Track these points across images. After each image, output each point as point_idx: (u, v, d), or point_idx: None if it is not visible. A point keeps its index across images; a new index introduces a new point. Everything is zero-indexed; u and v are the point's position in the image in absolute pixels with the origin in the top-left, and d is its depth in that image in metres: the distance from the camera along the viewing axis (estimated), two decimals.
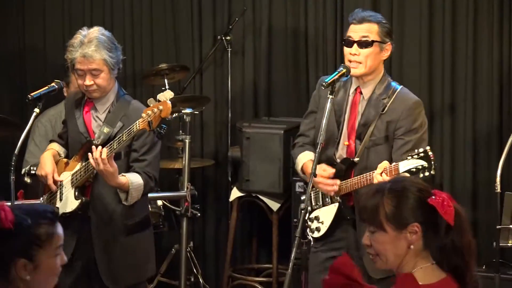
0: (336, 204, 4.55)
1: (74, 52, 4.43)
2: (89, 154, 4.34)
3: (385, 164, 4.27)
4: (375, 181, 4.26)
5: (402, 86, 4.59)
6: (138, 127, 4.23)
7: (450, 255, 2.81)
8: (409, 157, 4.20)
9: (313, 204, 4.67)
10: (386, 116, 4.47)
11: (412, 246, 2.82)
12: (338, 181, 4.48)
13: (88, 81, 4.43)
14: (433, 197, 2.82)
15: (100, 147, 4.32)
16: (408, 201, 2.83)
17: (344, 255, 3.00)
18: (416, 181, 2.92)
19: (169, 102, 4.19)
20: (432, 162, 4.16)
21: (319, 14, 6.52)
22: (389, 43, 4.55)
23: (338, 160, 4.55)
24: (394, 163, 4.26)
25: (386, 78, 4.58)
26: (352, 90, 4.58)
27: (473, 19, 6.10)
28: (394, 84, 4.57)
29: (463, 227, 2.82)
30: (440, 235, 2.81)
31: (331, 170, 4.50)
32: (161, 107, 4.17)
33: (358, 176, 4.41)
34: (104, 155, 4.26)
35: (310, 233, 4.60)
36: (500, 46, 6.05)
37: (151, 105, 4.23)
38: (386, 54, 4.56)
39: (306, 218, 4.61)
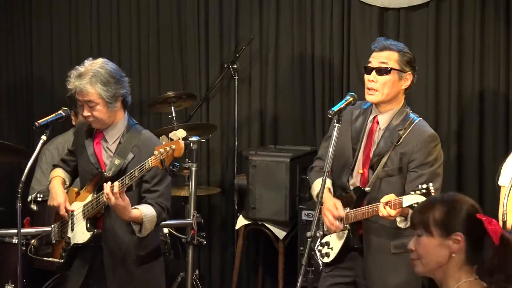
0: (345, 232, 4.54)
1: (70, 84, 4.47)
2: (104, 190, 4.35)
3: (390, 197, 4.25)
4: (380, 213, 4.25)
5: (421, 118, 4.54)
6: (150, 165, 4.20)
7: (494, 274, 2.88)
8: (412, 192, 4.17)
9: (325, 229, 4.64)
10: (400, 148, 4.43)
11: (453, 255, 2.90)
12: (341, 226, 4.48)
13: (86, 112, 4.45)
14: (482, 215, 2.91)
15: (111, 182, 4.32)
16: (459, 211, 2.92)
17: None
18: (468, 198, 2.99)
19: (182, 142, 4.15)
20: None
21: (325, 43, 6.54)
22: (409, 72, 4.49)
23: (352, 187, 4.54)
24: (399, 197, 4.24)
25: (405, 109, 4.53)
26: (370, 118, 4.56)
27: (479, 46, 6.12)
28: (412, 115, 4.52)
29: (509, 250, 2.88)
30: (484, 253, 2.89)
31: (341, 212, 4.47)
32: (173, 147, 4.14)
33: (366, 206, 4.39)
34: (116, 190, 4.26)
35: (320, 258, 4.59)
36: (507, 73, 6.06)
37: (163, 142, 4.20)
38: (406, 83, 4.50)
39: (318, 242, 4.61)
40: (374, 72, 4.46)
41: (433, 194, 4.11)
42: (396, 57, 4.47)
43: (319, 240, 4.64)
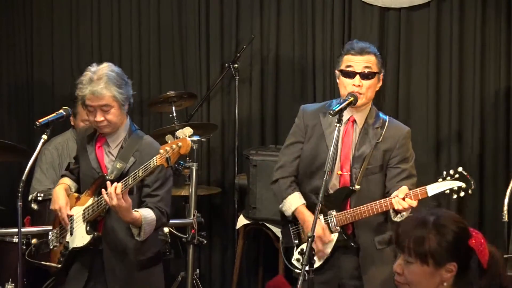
0: (336, 234, 4.54)
1: (83, 89, 4.42)
2: (103, 190, 4.34)
3: (405, 189, 4.27)
4: (397, 206, 4.25)
5: (388, 116, 4.63)
6: (155, 163, 4.20)
7: None
8: (440, 179, 4.20)
9: (303, 237, 4.65)
10: (382, 145, 4.49)
11: (445, 284, 2.86)
12: (328, 252, 4.50)
13: (99, 117, 4.42)
14: (473, 238, 2.85)
15: (115, 182, 4.32)
16: (451, 240, 2.84)
17: (279, 277, 3.02)
18: (457, 219, 2.91)
19: (189, 139, 4.14)
20: (472, 182, 4.18)
21: (326, 43, 6.54)
22: (382, 73, 4.60)
23: (331, 191, 4.54)
24: (420, 187, 4.26)
25: (374, 107, 4.61)
26: (344, 119, 4.52)
27: (480, 46, 6.12)
28: (381, 114, 4.61)
29: (498, 270, 2.85)
30: (471, 275, 2.84)
31: (329, 237, 4.49)
32: (180, 144, 4.13)
33: (368, 204, 4.40)
34: (118, 190, 4.25)
35: (300, 267, 4.52)
36: (507, 73, 6.07)
37: (169, 141, 4.19)
38: (380, 84, 4.59)
39: (296, 254, 4.62)
40: (358, 76, 4.47)
41: (468, 175, 4.17)
42: (374, 60, 4.53)
43: (295, 251, 4.64)
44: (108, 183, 4.30)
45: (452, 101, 6.20)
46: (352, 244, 4.52)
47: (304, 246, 4.61)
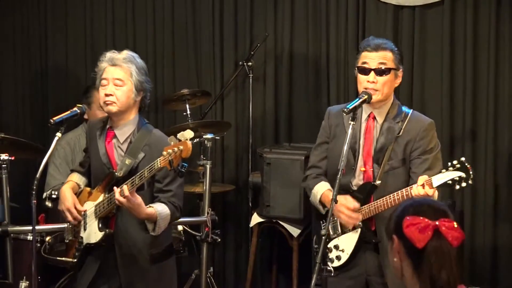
0: (358, 230, 4.54)
1: (103, 62, 4.52)
2: (115, 193, 4.37)
3: (425, 177, 4.26)
4: (415, 193, 4.23)
5: (412, 109, 4.62)
6: (159, 165, 4.22)
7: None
8: (444, 170, 4.20)
9: (331, 233, 4.66)
10: (402, 138, 4.50)
11: (395, 259, 2.79)
12: (360, 216, 4.49)
13: (109, 90, 4.46)
14: (408, 218, 2.73)
15: (122, 185, 4.33)
16: (394, 215, 2.81)
17: None
18: (416, 201, 2.84)
19: (189, 143, 4.16)
20: (470, 172, 4.15)
21: (340, 41, 6.53)
22: (401, 69, 4.60)
23: (355, 187, 4.56)
24: (428, 178, 4.25)
25: (397, 102, 4.62)
26: (364, 117, 4.60)
27: (494, 44, 6.10)
28: (404, 108, 4.61)
29: (435, 259, 2.70)
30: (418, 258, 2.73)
31: (356, 204, 4.50)
32: (181, 147, 4.15)
33: (384, 198, 4.40)
34: (126, 193, 4.28)
35: (329, 263, 4.56)
36: None
37: (172, 143, 4.22)
38: (398, 80, 4.61)
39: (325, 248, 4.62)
40: (373, 72, 4.50)
41: (469, 167, 4.14)
42: (391, 56, 4.54)
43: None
44: (115, 188, 4.33)
45: (466, 99, 6.18)
46: (373, 240, 4.51)
47: (334, 242, 4.63)
